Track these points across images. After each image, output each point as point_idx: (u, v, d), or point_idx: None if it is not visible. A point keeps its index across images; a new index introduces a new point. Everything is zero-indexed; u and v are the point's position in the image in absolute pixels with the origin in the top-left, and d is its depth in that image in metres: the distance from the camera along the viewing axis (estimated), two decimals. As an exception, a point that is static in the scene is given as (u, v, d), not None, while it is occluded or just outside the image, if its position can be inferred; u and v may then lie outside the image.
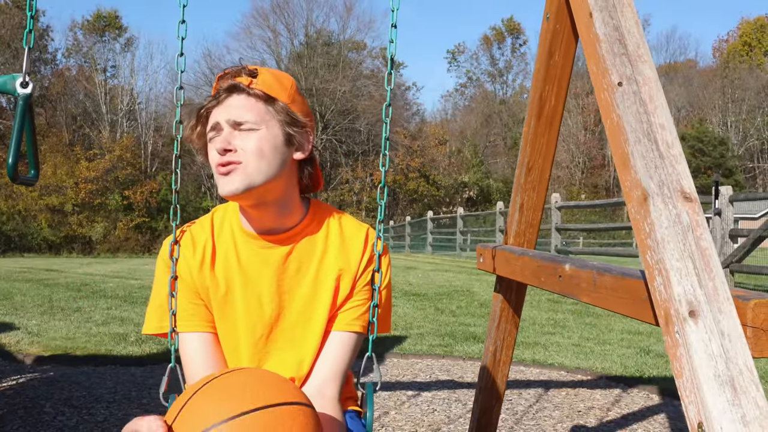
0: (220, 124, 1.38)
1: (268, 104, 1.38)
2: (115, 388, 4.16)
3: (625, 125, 1.14)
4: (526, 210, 2.12)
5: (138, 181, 43.89)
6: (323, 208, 1.55)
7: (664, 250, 1.05)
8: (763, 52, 57.40)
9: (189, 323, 1.46)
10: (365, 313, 1.49)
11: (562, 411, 3.88)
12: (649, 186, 1.09)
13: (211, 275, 1.47)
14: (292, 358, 1.48)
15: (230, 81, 1.39)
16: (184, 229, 1.53)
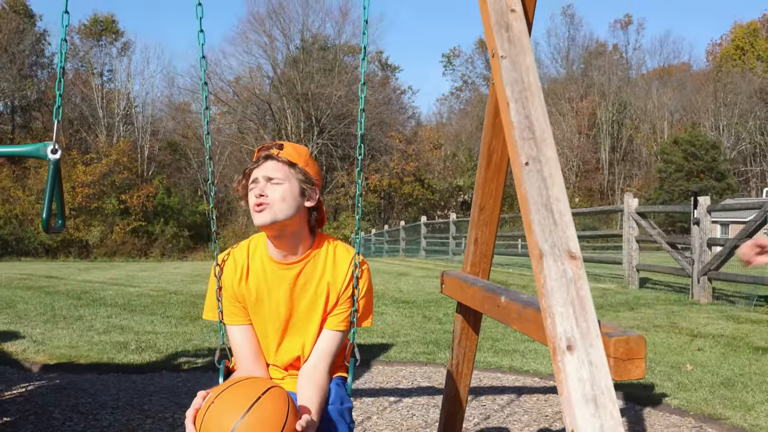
0: (258, 179, 2.07)
1: (291, 167, 2.07)
2: (118, 395, 4.48)
3: (529, 198, 1.46)
4: (480, 244, 2.45)
5: (135, 185, 44.16)
6: (325, 239, 2.22)
7: (552, 297, 1.37)
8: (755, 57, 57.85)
9: (233, 319, 2.18)
10: (348, 317, 2.17)
11: (531, 416, 4.21)
12: (544, 247, 1.42)
13: (246, 287, 2.16)
14: (298, 343, 2.18)
15: (266, 152, 2.08)
16: (229, 251, 2.22)
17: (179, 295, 9.74)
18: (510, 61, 1.59)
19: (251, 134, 46.93)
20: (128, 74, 51.07)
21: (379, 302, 9.18)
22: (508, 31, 1.63)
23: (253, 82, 49.11)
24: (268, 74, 49.89)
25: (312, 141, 46.02)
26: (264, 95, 48.19)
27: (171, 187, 46.27)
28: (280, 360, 2.21)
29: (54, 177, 2.07)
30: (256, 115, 47.65)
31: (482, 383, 5.01)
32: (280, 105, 46.72)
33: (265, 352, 2.22)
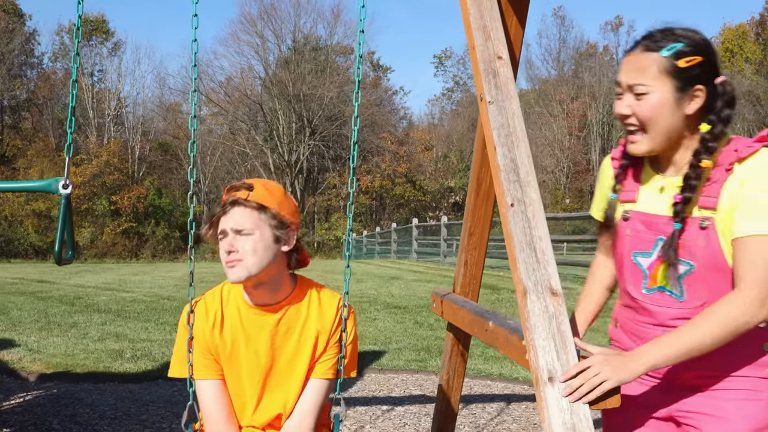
0: (226, 230, 1.89)
1: (261, 212, 1.89)
2: (116, 405, 4.56)
3: (514, 237, 1.57)
4: (470, 266, 2.56)
5: (125, 186, 44.06)
6: (306, 283, 2.06)
7: (535, 331, 1.48)
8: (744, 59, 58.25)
9: (203, 372, 1.99)
10: (335, 364, 2.02)
11: (520, 424, 4.32)
12: (528, 284, 1.52)
13: (220, 337, 1.99)
14: (280, 399, 2.01)
15: (233, 196, 1.90)
16: (198, 299, 2.04)
17: (173, 301, 9.82)
18: (497, 107, 1.70)
19: (242, 135, 46.92)
20: (119, 74, 50.95)
21: (371, 307, 9.28)
22: (495, 77, 1.74)
23: (244, 83, 49.10)
24: (259, 75, 49.89)
25: (304, 142, 46.06)
26: (255, 96, 48.17)
27: (162, 188, 46.22)
28: (258, 420, 2.01)
29: (65, 211, 2.16)
30: (247, 116, 47.61)
31: (473, 391, 5.13)
32: (272, 106, 46.72)
33: (241, 411, 2.02)
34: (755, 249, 1.50)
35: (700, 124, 1.62)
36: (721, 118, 1.60)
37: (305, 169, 47.29)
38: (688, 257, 1.59)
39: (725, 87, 1.61)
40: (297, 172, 46.44)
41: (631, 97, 1.61)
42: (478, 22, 1.81)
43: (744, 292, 1.50)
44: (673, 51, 1.56)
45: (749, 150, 1.54)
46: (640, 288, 1.70)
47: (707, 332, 1.50)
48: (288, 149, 46.18)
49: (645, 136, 1.61)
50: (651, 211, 1.68)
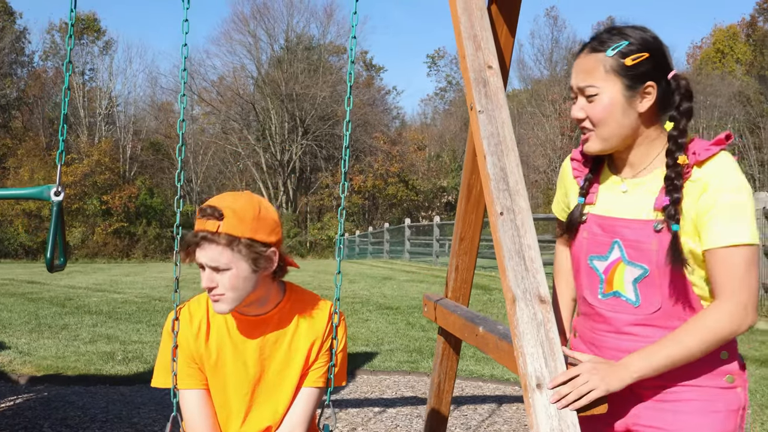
0: (203, 265, 1.82)
1: (234, 246, 1.78)
2: (107, 408, 4.56)
3: (503, 245, 1.59)
4: (461, 271, 2.58)
5: (116, 186, 43.91)
6: (296, 290, 2.02)
7: (523, 339, 1.50)
8: (734, 60, 58.46)
9: (187, 382, 1.94)
10: (326, 372, 1.99)
11: (510, 425, 4.34)
12: (517, 292, 1.54)
13: (205, 346, 1.93)
14: (270, 409, 1.96)
15: (202, 230, 1.79)
16: (181, 306, 1.98)
17: (164, 302, 9.80)
18: (487, 116, 1.72)
19: (235, 134, 46.85)
20: (110, 73, 50.74)
21: (363, 308, 9.30)
22: (486, 86, 1.75)
23: (236, 83, 49.00)
24: (252, 74, 49.80)
25: (296, 142, 46.02)
26: (248, 95, 48.09)
27: (153, 187, 46.08)
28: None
29: (57, 218, 2.16)
30: (239, 115, 47.54)
31: (464, 392, 5.15)
32: (264, 105, 46.67)
33: (226, 423, 1.95)
34: (733, 258, 1.50)
35: (655, 120, 1.62)
36: (681, 112, 1.59)
37: (298, 169, 47.24)
38: (642, 261, 1.59)
39: (679, 81, 1.60)
40: (289, 171, 46.39)
41: (583, 100, 1.62)
42: (469, 32, 1.82)
43: (728, 301, 1.52)
44: (618, 50, 1.57)
45: (707, 153, 1.54)
46: (596, 294, 1.69)
47: (695, 342, 1.52)
48: (280, 149, 46.13)
49: (598, 135, 1.62)
50: (609, 213, 1.67)
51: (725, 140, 1.56)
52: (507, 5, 2.15)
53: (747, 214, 1.52)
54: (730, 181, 1.52)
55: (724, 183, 1.52)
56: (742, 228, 1.51)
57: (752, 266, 1.52)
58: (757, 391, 5.08)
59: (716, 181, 1.52)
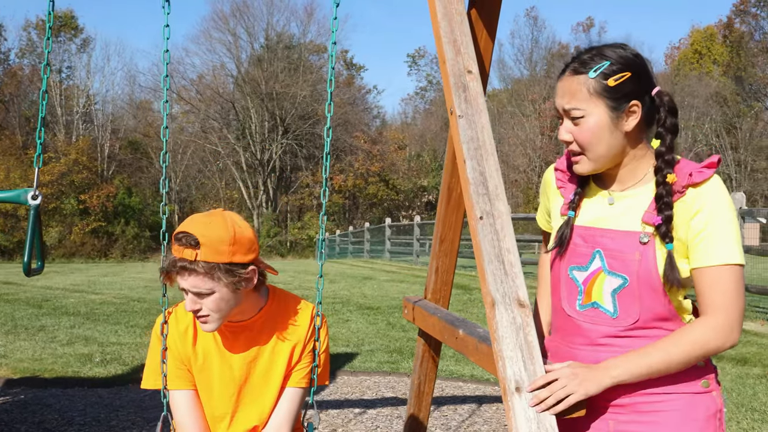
0: (185, 290, 1.84)
1: (212, 272, 1.80)
2: (85, 411, 4.53)
3: (482, 249, 1.59)
4: (440, 272, 2.59)
5: (94, 185, 43.51)
6: (279, 294, 2.07)
7: (503, 342, 1.51)
8: (712, 61, 59.08)
9: (176, 383, 2.00)
10: (310, 372, 2.05)
11: (491, 425, 4.37)
12: (496, 296, 1.55)
13: (192, 349, 2.00)
14: (256, 410, 2.03)
15: (180, 259, 1.79)
16: (170, 310, 2.04)
17: (143, 303, 9.74)
18: (466, 120, 1.72)
19: (214, 133, 46.59)
20: (88, 71, 50.29)
21: (344, 308, 9.29)
22: (465, 91, 1.76)
23: (216, 81, 48.77)
24: (231, 73, 49.58)
25: (276, 141, 45.87)
26: (227, 94, 47.87)
27: (132, 186, 45.73)
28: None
29: (35, 221, 2.14)
30: (219, 114, 47.29)
31: (444, 393, 5.16)
32: (244, 104, 46.47)
33: (214, 426, 2.02)
34: (724, 276, 1.53)
35: (641, 137, 1.63)
36: (667, 128, 1.60)
37: (278, 168, 47.10)
38: (623, 271, 1.60)
39: (662, 97, 1.61)
40: (269, 170, 46.23)
41: (569, 122, 1.62)
42: (449, 36, 1.83)
43: (716, 317, 1.53)
44: (600, 71, 1.56)
45: (702, 176, 1.55)
46: (574, 305, 1.69)
47: (678, 354, 1.53)
48: (260, 148, 45.95)
49: (587, 158, 1.62)
50: (592, 224, 1.68)
51: (717, 164, 1.58)
52: (487, 10, 2.16)
53: (737, 236, 1.55)
54: (722, 204, 1.55)
55: (717, 206, 1.54)
56: (733, 249, 1.53)
57: (741, 286, 1.55)
58: (733, 390, 5.15)
59: (710, 204, 1.54)
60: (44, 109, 1.91)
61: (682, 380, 1.60)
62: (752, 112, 52.02)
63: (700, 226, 1.54)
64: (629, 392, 1.60)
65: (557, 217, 1.80)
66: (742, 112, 51.44)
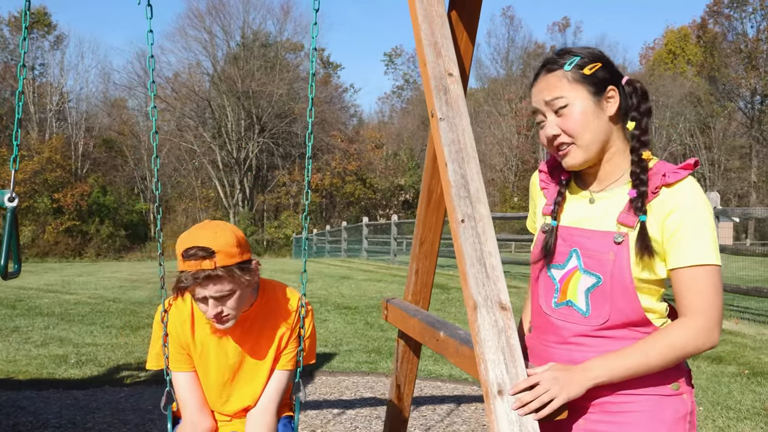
0: (207, 298, 2.01)
1: (231, 273, 1.99)
2: (60, 413, 4.47)
3: (464, 252, 1.60)
4: (420, 274, 2.59)
5: (68, 184, 43.00)
6: (269, 284, 2.26)
7: (485, 345, 1.51)
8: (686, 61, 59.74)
9: (178, 365, 2.21)
10: (296, 356, 2.27)
11: (469, 425, 4.38)
12: (478, 299, 1.55)
13: (191, 338, 2.19)
14: (249, 393, 2.26)
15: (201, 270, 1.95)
16: (171, 302, 2.20)
17: (118, 303, 9.64)
18: (447, 123, 1.73)
19: (190, 132, 46.23)
20: (61, 69, 49.69)
21: (322, 308, 9.27)
22: (446, 94, 1.76)
23: (192, 79, 48.37)
24: (207, 71, 49.21)
25: (253, 139, 45.64)
26: (203, 92, 47.49)
27: (107, 185, 45.27)
28: (228, 410, 2.26)
29: (11, 224, 2.12)
30: (195, 112, 46.92)
31: (423, 392, 5.17)
32: (220, 102, 46.14)
33: (213, 404, 2.26)
34: (701, 277, 1.55)
35: (621, 127, 1.67)
36: (641, 112, 1.66)
37: (254, 167, 46.87)
38: (597, 270, 1.62)
39: (633, 84, 1.68)
40: (246, 169, 45.99)
41: (553, 116, 1.65)
42: (429, 39, 1.83)
43: (695, 319, 1.55)
44: (574, 63, 1.64)
45: (676, 176, 1.58)
46: (550, 303, 1.72)
47: (657, 355, 1.55)
48: (237, 146, 45.69)
49: (578, 146, 1.64)
50: (571, 224, 1.70)
51: (693, 166, 1.61)
52: (467, 12, 2.16)
53: (712, 236, 1.57)
54: (696, 205, 1.57)
55: (691, 207, 1.56)
56: (709, 249, 1.55)
57: (719, 286, 1.57)
58: (708, 389, 5.21)
59: (684, 204, 1.57)
60: (20, 110, 1.88)
61: (651, 382, 1.61)
62: (725, 112, 52.70)
63: (675, 227, 1.56)
64: (599, 392, 1.61)
65: (540, 217, 1.84)
66: (715, 112, 52.07)
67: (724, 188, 47.37)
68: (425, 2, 1.89)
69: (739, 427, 4.35)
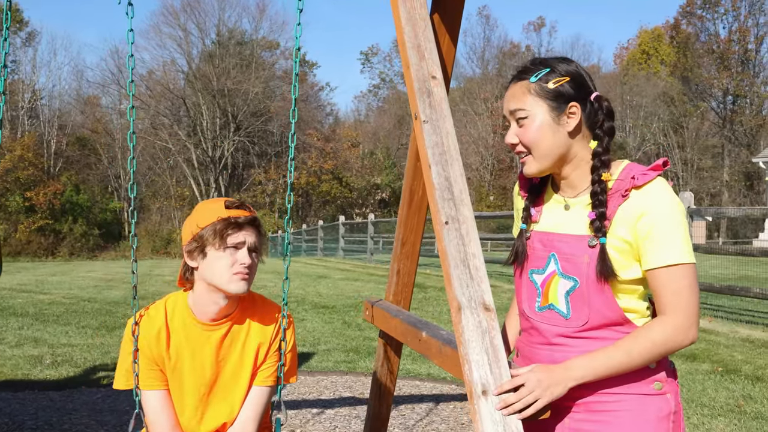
0: (244, 243, 1.99)
1: (262, 235, 2.05)
2: (36, 414, 4.43)
3: (448, 254, 1.61)
4: (402, 275, 2.60)
5: (41, 182, 42.48)
6: (248, 295, 2.12)
7: (469, 346, 1.53)
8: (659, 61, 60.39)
9: (149, 383, 2.05)
10: (276, 371, 2.12)
11: (448, 424, 4.41)
12: (462, 300, 1.57)
13: (165, 350, 2.05)
14: (226, 408, 2.10)
15: (246, 214, 2.00)
16: (142, 313, 2.08)
17: (93, 303, 9.55)
18: (431, 126, 1.74)
19: (165, 130, 45.88)
20: (33, 66, 49.08)
21: (299, 307, 9.26)
22: (430, 96, 1.77)
23: (166, 77, 48.00)
24: (182, 69, 48.89)
25: (228, 138, 45.39)
26: (178, 90, 47.17)
27: (80, 183, 44.77)
28: (204, 429, 2.10)
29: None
30: (169, 110, 46.58)
31: (401, 392, 5.19)
32: (195, 100, 45.85)
33: (187, 423, 2.09)
34: (677, 276, 1.58)
35: (586, 141, 1.70)
36: (605, 131, 1.69)
37: (230, 165, 46.65)
38: (574, 273, 1.66)
39: (601, 102, 1.70)
40: (221, 168, 45.76)
41: (515, 125, 1.71)
42: (413, 42, 1.84)
43: (673, 317, 1.58)
44: (541, 76, 1.67)
45: (645, 178, 1.61)
46: (533, 307, 1.76)
47: (638, 353, 1.58)
48: (212, 145, 45.43)
49: (533, 158, 1.70)
50: (549, 229, 1.74)
51: (662, 166, 1.64)
52: (449, 15, 2.18)
53: (685, 235, 1.61)
54: (667, 205, 1.60)
55: (661, 207, 1.60)
56: (682, 248, 1.59)
57: (694, 284, 1.61)
58: (683, 386, 5.29)
59: (654, 206, 1.60)
60: (1, 111, 1.86)
61: (633, 381, 1.64)
62: (698, 112, 53.37)
63: (647, 229, 1.60)
64: (583, 392, 1.64)
65: (518, 221, 1.87)
66: (688, 111, 52.71)
67: (697, 187, 47.97)
68: (408, 5, 1.90)
69: (713, 423, 4.42)
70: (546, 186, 1.82)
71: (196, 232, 2.00)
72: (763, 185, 36.26)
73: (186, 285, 2.09)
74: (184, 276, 2.07)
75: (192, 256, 2.01)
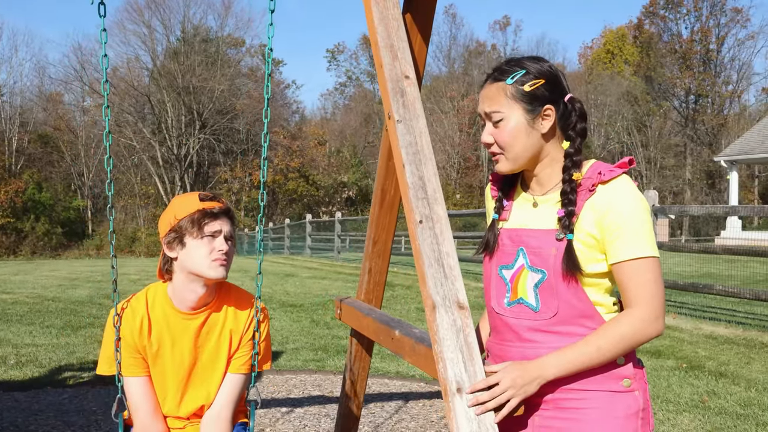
0: (221, 232, 2.10)
1: (234, 225, 2.17)
2: (1, 415, 4.35)
3: (422, 253, 1.63)
4: (374, 273, 2.62)
5: (2, 180, 41.62)
6: (225, 285, 2.25)
7: (443, 344, 1.55)
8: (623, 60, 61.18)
9: (131, 370, 2.15)
10: (250, 360, 2.21)
11: (418, 422, 4.43)
12: (436, 299, 1.59)
13: (147, 338, 2.15)
14: (203, 392, 2.22)
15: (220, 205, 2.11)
16: (123, 305, 2.16)
17: (58, 302, 9.40)
18: (405, 125, 1.75)
19: (129, 127, 45.24)
20: (-7, 62, 48.05)
21: (267, 306, 9.20)
22: (403, 96, 1.79)
23: (130, 74, 47.31)
24: (146, 66, 48.25)
25: (194, 135, 44.93)
26: (142, 87, 46.54)
27: (42, 181, 43.96)
28: (183, 411, 2.21)
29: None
30: (134, 107, 45.94)
31: (371, 390, 5.20)
32: (160, 98, 45.28)
33: (167, 405, 2.20)
34: (642, 269, 1.62)
35: (558, 141, 1.74)
36: (577, 132, 1.74)
37: (195, 163, 46.17)
38: (542, 266, 1.70)
39: (574, 104, 1.74)
40: (187, 166, 45.27)
41: (490, 126, 1.74)
42: (386, 41, 1.85)
43: (640, 309, 1.62)
44: (516, 78, 1.70)
45: (612, 174, 1.67)
46: (502, 302, 1.78)
47: (608, 346, 1.61)
48: (177, 142, 44.93)
49: (507, 157, 1.73)
50: (518, 226, 1.78)
51: (628, 164, 1.69)
52: (421, 15, 2.20)
53: (648, 230, 1.65)
54: (631, 201, 1.65)
55: (626, 203, 1.64)
56: (647, 242, 1.63)
57: (659, 276, 1.65)
58: (648, 382, 5.38)
59: (619, 201, 1.64)
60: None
61: (602, 378, 1.67)
62: (661, 111, 54.22)
63: (611, 224, 1.64)
64: (552, 388, 1.66)
65: (489, 218, 1.90)
66: (651, 110, 53.50)
67: (660, 186, 48.72)
68: (381, 5, 1.91)
69: (678, 419, 4.51)
70: (516, 182, 1.85)
71: (174, 224, 2.09)
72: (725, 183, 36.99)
73: (165, 277, 2.17)
74: (163, 268, 2.16)
75: (171, 247, 2.10)
